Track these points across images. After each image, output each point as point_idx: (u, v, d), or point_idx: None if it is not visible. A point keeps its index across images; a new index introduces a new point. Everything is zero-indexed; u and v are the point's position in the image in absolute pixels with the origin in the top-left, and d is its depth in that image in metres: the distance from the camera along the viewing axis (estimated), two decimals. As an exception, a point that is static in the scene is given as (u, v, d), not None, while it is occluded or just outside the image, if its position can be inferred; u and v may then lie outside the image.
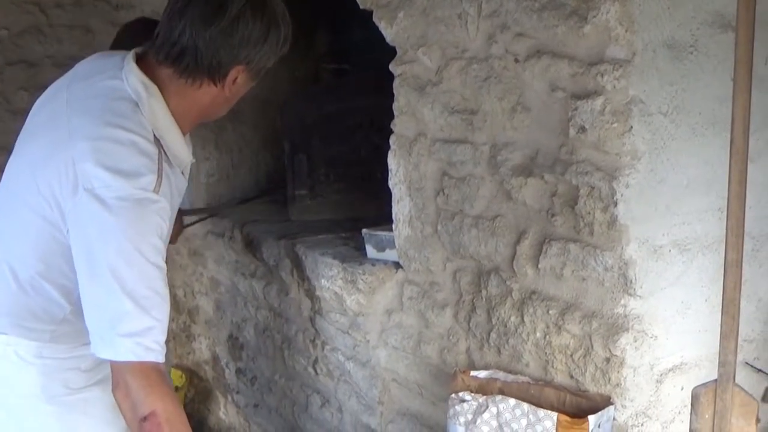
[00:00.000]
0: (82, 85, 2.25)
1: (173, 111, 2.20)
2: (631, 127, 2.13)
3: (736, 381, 2.09)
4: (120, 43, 3.08)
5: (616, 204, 2.18)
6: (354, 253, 3.27)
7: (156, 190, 2.06)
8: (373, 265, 3.09)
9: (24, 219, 2.18)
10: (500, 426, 2.37)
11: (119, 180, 2.00)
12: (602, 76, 2.15)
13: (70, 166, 2.04)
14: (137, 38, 2.35)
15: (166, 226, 2.12)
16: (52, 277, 2.22)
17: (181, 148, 2.26)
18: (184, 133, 2.28)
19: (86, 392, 2.34)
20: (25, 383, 2.28)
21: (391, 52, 2.85)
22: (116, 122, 2.08)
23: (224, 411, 4.50)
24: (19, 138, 2.36)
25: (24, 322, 2.25)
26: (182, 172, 2.35)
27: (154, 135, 2.13)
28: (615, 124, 2.14)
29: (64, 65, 4.41)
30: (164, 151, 2.17)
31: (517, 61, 2.39)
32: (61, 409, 2.31)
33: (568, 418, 2.24)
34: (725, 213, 2.08)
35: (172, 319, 2.66)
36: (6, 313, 2.25)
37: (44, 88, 2.40)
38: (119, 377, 2.02)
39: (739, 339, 2.08)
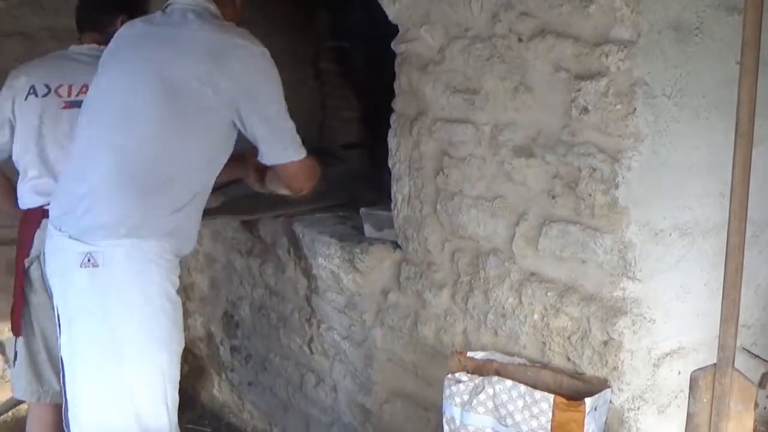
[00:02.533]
0: None
1: None
2: (635, 109, 2.11)
3: (735, 366, 2.09)
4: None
5: (617, 186, 2.17)
6: (352, 232, 3.26)
7: None
8: (371, 244, 3.08)
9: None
10: (496, 407, 2.36)
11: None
12: (606, 56, 2.13)
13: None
14: None
15: None
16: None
17: None
18: None
19: (178, 297, 2.74)
20: (152, 281, 2.65)
21: (392, 31, 2.83)
22: None
23: (218, 388, 4.49)
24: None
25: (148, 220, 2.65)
26: None
27: None
28: (618, 106, 2.13)
29: (61, 37, 4.39)
30: None
31: (520, 40, 2.37)
32: (169, 306, 2.70)
33: (564, 401, 2.24)
34: (727, 197, 2.08)
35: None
36: (131, 218, 2.63)
37: None
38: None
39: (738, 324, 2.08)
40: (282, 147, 2.80)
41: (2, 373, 4.66)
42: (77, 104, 3.14)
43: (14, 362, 3.49)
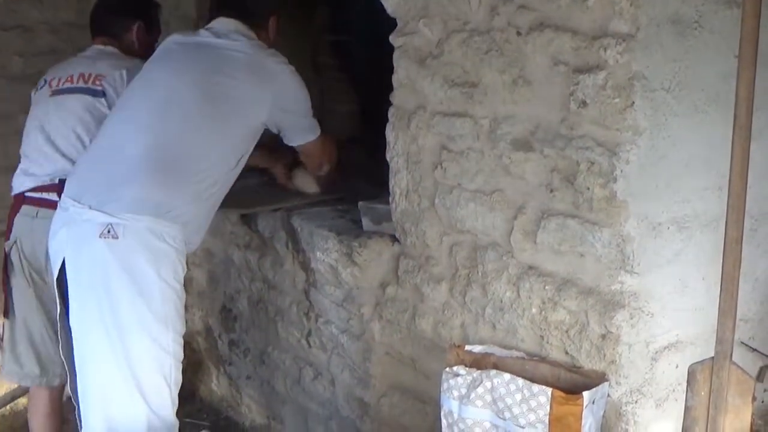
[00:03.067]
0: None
1: None
2: (633, 102, 2.11)
3: (732, 360, 2.09)
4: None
5: (615, 180, 2.17)
6: (350, 225, 3.26)
7: None
8: (369, 238, 3.07)
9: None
10: (494, 400, 2.36)
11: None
12: (605, 50, 2.13)
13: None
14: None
15: None
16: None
17: None
18: None
19: (181, 284, 2.87)
20: (167, 261, 2.80)
21: (391, 24, 2.82)
22: None
23: (216, 382, 4.49)
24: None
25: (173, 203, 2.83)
26: None
27: None
28: (617, 99, 2.13)
29: (59, 31, 4.39)
30: None
31: (519, 33, 2.37)
32: (179, 290, 2.85)
33: (562, 394, 2.24)
34: (725, 191, 2.08)
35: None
36: (160, 198, 2.80)
37: (40, 54, 2.45)
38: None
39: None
40: (300, 132, 3.28)
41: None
42: (62, 91, 3.42)
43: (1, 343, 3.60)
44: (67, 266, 2.82)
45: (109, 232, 2.71)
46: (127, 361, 2.73)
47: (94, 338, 2.76)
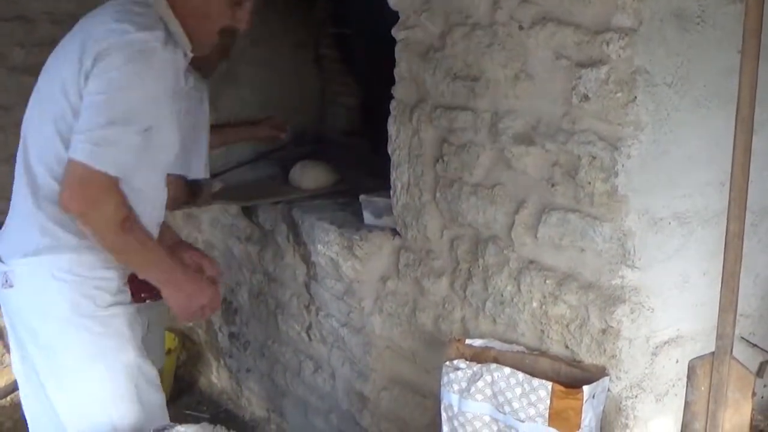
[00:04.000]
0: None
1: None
2: (635, 97, 2.11)
3: (733, 355, 2.09)
4: None
5: (617, 174, 2.16)
6: (351, 218, 3.26)
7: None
8: (370, 231, 3.08)
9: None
10: (494, 394, 2.36)
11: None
12: (608, 44, 2.13)
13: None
14: None
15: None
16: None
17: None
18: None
19: (112, 309, 2.51)
20: (61, 299, 2.45)
21: (393, 17, 2.82)
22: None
23: (216, 375, 4.50)
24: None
25: (53, 234, 2.44)
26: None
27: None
28: (619, 94, 2.12)
29: (61, 21, 4.36)
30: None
31: (521, 28, 2.37)
32: (91, 323, 2.48)
33: (562, 388, 2.24)
34: (726, 187, 2.08)
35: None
36: (36, 234, 2.45)
37: (40, 44, 2.42)
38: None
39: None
40: None
41: (1, 358, 4.66)
42: None
43: None
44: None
45: (6, 281, 2.50)
46: (79, 405, 2.53)
47: (30, 389, 2.62)
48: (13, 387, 4.22)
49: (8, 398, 4.40)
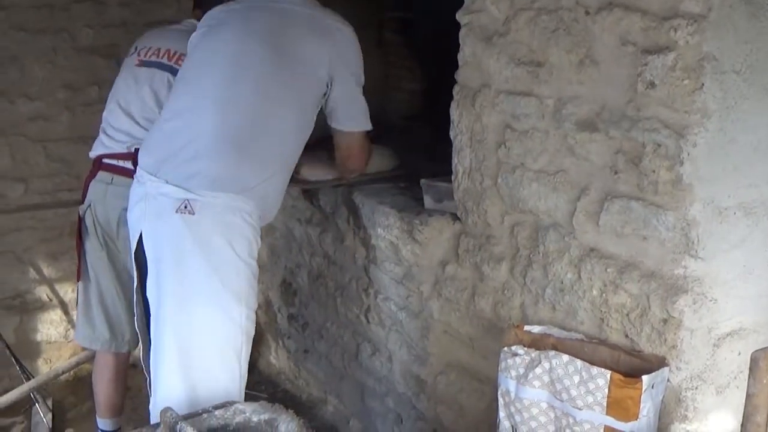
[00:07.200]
0: None
1: None
2: (703, 84, 2.08)
3: (797, 348, 2.06)
4: None
5: (682, 163, 2.14)
6: (411, 203, 3.26)
7: None
8: (430, 215, 3.08)
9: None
10: (552, 381, 2.36)
11: None
12: (675, 31, 2.10)
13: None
14: None
15: None
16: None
17: None
18: None
19: (255, 260, 2.89)
20: (241, 235, 2.82)
21: (457, 1, 2.81)
22: None
23: (275, 355, 4.55)
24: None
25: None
26: None
27: None
28: (686, 81, 2.09)
29: (130, 4, 4.42)
30: None
31: (587, 13, 2.34)
32: (255, 264, 2.89)
33: (621, 377, 2.23)
34: (794, 176, 2.04)
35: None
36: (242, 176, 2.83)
37: (110, 26, 2.44)
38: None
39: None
40: (354, 115, 3.19)
41: (65, 333, 4.77)
42: (147, 64, 3.48)
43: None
44: (144, 239, 2.84)
45: (185, 207, 2.73)
46: (199, 334, 2.75)
47: (169, 311, 2.77)
48: (78, 361, 4.32)
49: (71, 372, 4.50)
